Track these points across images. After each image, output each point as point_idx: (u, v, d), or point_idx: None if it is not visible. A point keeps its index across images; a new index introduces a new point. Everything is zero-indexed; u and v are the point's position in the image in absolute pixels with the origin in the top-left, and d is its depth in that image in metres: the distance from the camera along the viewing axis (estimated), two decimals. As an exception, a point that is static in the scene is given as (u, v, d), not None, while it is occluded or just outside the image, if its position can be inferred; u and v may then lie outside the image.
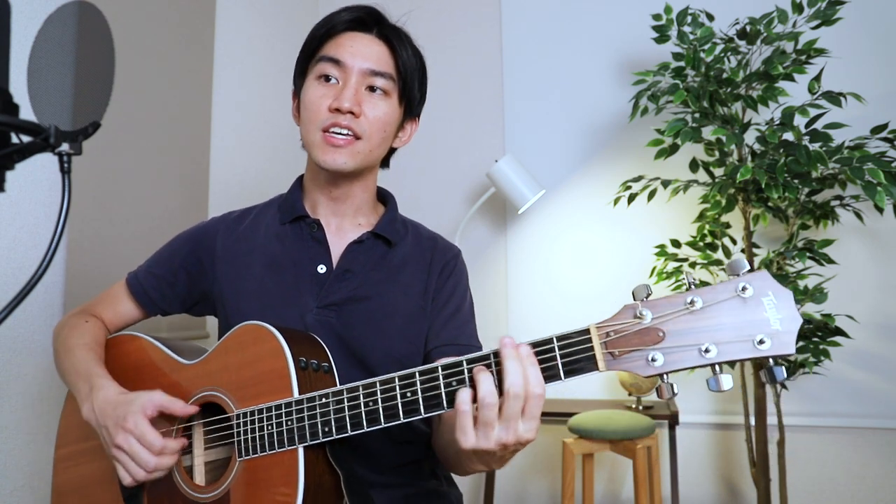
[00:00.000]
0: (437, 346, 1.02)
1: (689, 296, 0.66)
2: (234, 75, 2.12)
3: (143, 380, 1.01)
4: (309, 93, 1.03)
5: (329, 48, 1.03)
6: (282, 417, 0.84)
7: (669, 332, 0.67)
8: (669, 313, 0.67)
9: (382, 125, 1.01)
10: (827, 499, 1.97)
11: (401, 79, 1.03)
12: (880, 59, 2.00)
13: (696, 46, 1.81)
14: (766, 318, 0.64)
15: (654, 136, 1.91)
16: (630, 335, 0.69)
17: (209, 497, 0.88)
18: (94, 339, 1.07)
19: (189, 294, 1.13)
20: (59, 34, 0.61)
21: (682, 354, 0.66)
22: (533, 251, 2.37)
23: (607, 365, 0.70)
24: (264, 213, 1.12)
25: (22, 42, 0.81)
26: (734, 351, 0.64)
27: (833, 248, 1.74)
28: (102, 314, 1.13)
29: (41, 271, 0.52)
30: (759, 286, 0.65)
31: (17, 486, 1.34)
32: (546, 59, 2.42)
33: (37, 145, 0.53)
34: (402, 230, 1.10)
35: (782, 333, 0.64)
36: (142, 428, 0.85)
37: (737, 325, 0.65)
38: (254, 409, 0.87)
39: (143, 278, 1.13)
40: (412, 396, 0.76)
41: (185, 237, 1.14)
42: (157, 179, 1.73)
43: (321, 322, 1.00)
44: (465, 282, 1.12)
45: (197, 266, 1.11)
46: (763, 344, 0.64)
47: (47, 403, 1.42)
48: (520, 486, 2.36)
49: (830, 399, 1.99)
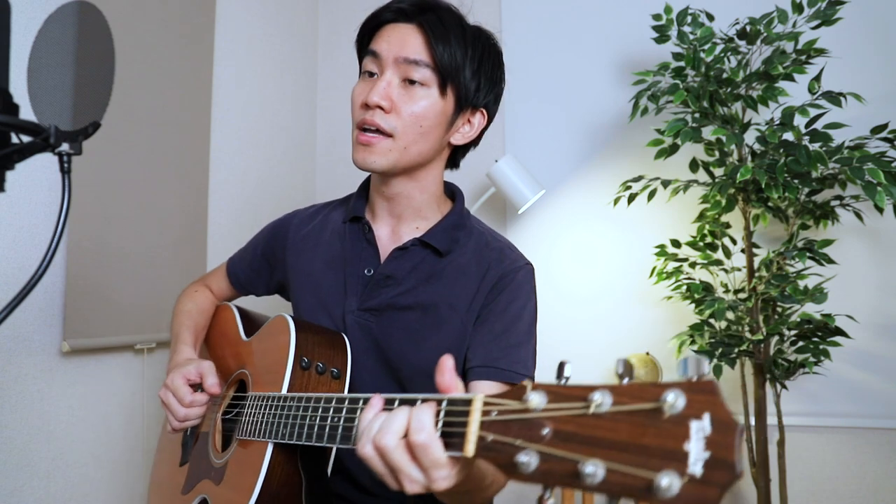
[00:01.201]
0: (475, 365, 0.94)
1: (598, 392, 0.48)
2: (233, 75, 2.11)
3: (216, 346, 1.17)
4: (355, 88, 0.99)
5: (372, 41, 0.98)
6: (264, 409, 0.87)
7: (557, 432, 0.49)
8: (563, 407, 0.49)
9: (417, 120, 0.93)
10: (827, 499, 1.97)
11: (439, 68, 0.93)
12: (880, 59, 2.00)
13: (696, 46, 1.80)
14: (684, 452, 0.42)
15: (654, 136, 1.91)
16: (511, 422, 0.52)
17: (217, 464, 0.97)
18: (197, 306, 1.21)
19: (270, 281, 1.21)
20: (59, 34, 0.61)
21: (556, 465, 0.48)
22: (533, 251, 2.36)
23: (478, 451, 0.54)
24: (335, 210, 1.14)
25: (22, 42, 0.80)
26: (622, 483, 0.44)
27: (833, 248, 1.74)
28: (211, 286, 1.28)
29: (41, 271, 0.53)
30: (694, 401, 0.43)
31: (17, 486, 1.34)
32: (546, 59, 2.42)
33: (37, 145, 0.53)
34: (464, 238, 1.02)
35: (699, 483, 0.41)
36: (176, 383, 0.98)
37: (643, 449, 0.44)
38: (256, 395, 0.92)
39: (237, 261, 1.26)
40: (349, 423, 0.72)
41: (269, 227, 1.22)
42: (157, 180, 1.73)
43: (360, 324, 0.99)
44: (525, 300, 1.02)
45: (273, 256, 1.18)
46: (666, 489, 0.41)
47: (47, 403, 1.42)
48: (520, 486, 2.36)
49: (830, 399, 1.99)
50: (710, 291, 1.85)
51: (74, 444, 1.48)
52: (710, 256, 1.90)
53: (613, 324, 2.19)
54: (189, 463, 1.07)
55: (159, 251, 1.71)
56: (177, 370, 1.00)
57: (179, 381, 0.98)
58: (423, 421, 0.58)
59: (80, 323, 1.47)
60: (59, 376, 1.45)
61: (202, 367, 0.99)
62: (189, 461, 1.07)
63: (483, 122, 1.03)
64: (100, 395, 1.55)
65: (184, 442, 1.12)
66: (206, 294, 1.25)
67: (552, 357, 0.68)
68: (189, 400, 0.97)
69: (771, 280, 1.69)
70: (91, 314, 1.50)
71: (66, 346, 1.44)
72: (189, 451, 1.09)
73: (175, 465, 1.12)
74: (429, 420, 0.58)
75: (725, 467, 0.41)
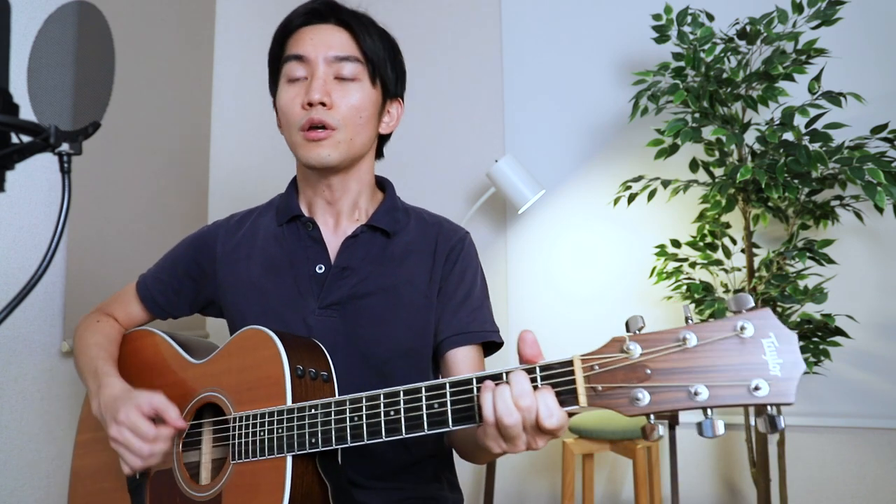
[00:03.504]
0: (449, 335, 1.00)
1: (683, 332, 0.61)
2: (234, 75, 2.11)
3: (154, 376, 1.03)
4: (281, 97, 1.01)
5: (291, 47, 1.01)
6: (273, 425, 0.84)
7: (657, 370, 0.62)
8: (659, 349, 0.62)
9: (356, 111, 0.98)
10: (827, 499, 1.97)
11: (368, 61, 0.99)
12: (880, 59, 2.00)
13: (696, 46, 1.81)
14: (764, 361, 0.58)
15: (654, 136, 1.91)
16: (616, 370, 0.63)
17: (204, 496, 0.89)
18: (106, 338, 1.09)
19: (196, 299, 1.14)
20: (60, 34, 0.61)
21: (668, 395, 0.61)
22: (533, 251, 2.37)
23: (589, 400, 0.65)
24: (263, 215, 1.11)
25: (22, 42, 0.80)
26: (726, 395, 0.59)
27: (833, 248, 1.74)
28: (115, 314, 1.15)
29: (41, 271, 0.52)
30: (760, 326, 0.59)
31: (17, 486, 1.34)
32: (546, 59, 2.42)
33: (37, 145, 0.53)
34: (404, 218, 1.07)
35: (781, 380, 0.58)
36: (133, 419, 0.87)
37: (731, 367, 0.59)
38: (248, 414, 0.87)
39: (151, 284, 1.14)
40: (395, 416, 0.75)
41: (188, 242, 1.14)
42: (156, 180, 1.73)
43: (324, 323, 0.99)
44: (475, 265, 1.08)
45: (199, 272, 1.11)
46: (759, 391, 0.57)
47: (47, 403, 1.42)
48: (520, 486, 2.36)
49: (830, 399, 1.99)
50: (710, 291, 1.85)
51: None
52: (710, 256, 1.90)
53: (613, 324, 2.19)
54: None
55: (159, 251, 1.71)
56: (124, 403, 0.89)
57: (135, 415, 0.87)
58: (524, 384, 0.67)
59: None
60: (59, 376, 1.45)
61: (154, 401, 0.88)
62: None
63: (401, 111, 1.09)
64: (100, 395, 1.55)
65: (133, 487, 0.97)
66: (111, 323, 1.13)
67: (552, 357, 0.69)
68: (153, 435, 0.86)
69: (771, 280, 1.69)
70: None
71: (66, 346, 1.44)
72: (143, 495, 0.96)
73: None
74: (529, 383, 0.67)
75: (796, 366, 0.58)
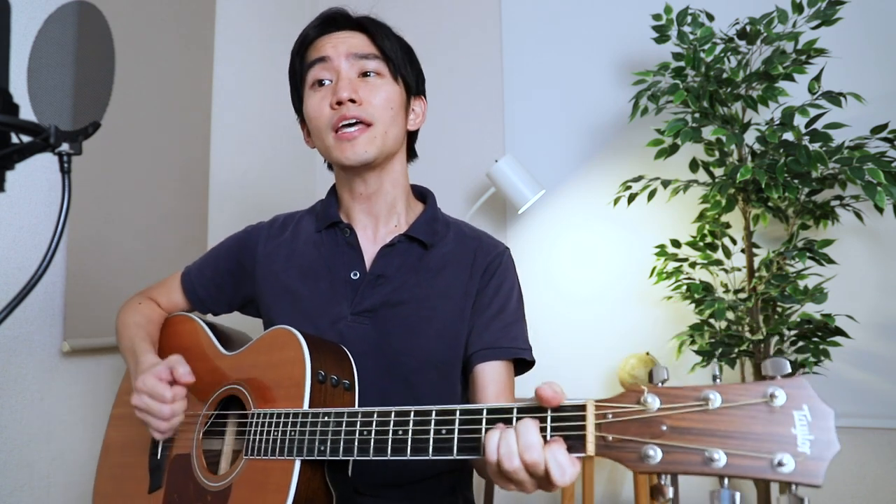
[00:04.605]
0: (478, 349, 0.99)
1: (707, 391, 0.57)
2: (233, 75, 2.11)
3: (187, 361, 1.04)
4: (309, 104, 1.03)
5: (311, 54, 1.03)
6: (287, 426, 0.85)
7: (674, 427, 0.57)
8: (678, 406, 0.58)
9: (387, 103, 0.99)
10: (827, 499, 1.97)
11: (388, 59, 1.01)
12: (880, 59, 2.00)
13: (696, 46, 1.80)
14: (792, 435, 0.53)
15: (654, 136, 1.91)
16: (630, 422, 0.60)
17: (215, 486, 0.91)
18: (146, 318, 1.12)
19: (235, 297, 1.16)
20: (59, 34, 0.61)
21: (681, 456, 0.56)
22: (533, 251, 2.37)
23: (598, 450, 0.61)
24: (304, 220, 1.12)
25: (22, 42, 0.80)
26: (745, 466, 0.54)
27: (833, 248, 1.74)
28: (158, 298, 1.19)
29: (41, 271, 0.52)
30: (794, 396, 0.55)
31: (17, 486, 1.34)
32: (546, 59, 2.42)
33: (37, 145, 0.53)
34: (443, 230, 1.07)
35: (809, 459, 0.53)
36: (150, 384, 0.90)
37: (755, 435, 0.54)
38: (266, 412, 0.88)
39: (195, 276, 1.17)
40: (402, 436, 0.74)
41: (232, 241, 1.16)
42: (156, 179, 1.73)
43: (355, 329, 0.99)
44: (512, 280, 1.07)
45: (240, 270, 1.13)
46: (782, 466, 0.52)
47: (47, 403, 1.42)
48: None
49: (830, 399, 1.96)
50: (710, 291, 1.85)
51: (74, 444, 1.48)
52: (710, 256, 1.90)
53: (613, 324, 2.19)
54: (165, 489, 0.98)
55: (159, 251, 1.71)
56: (143, 373, 0.93)
57: (152, 380, 0.90)
58: (531, 437, 0.64)
59: (80, 323, 1.47)
60: (59, 376, 1.45)
61: (171, 360, 0.92)
62: (164, 486, 0.98)
63: (425, 107, 1.11)
64: (100, 395, 1.55)
65: (153, 466, 1.02)
66: (152, 306, 1.17)
67: (552, 357, 0.68)
68: (170, 395, 0.89)
69: (771, 280, 1.69)
70: (91, 314, 1.50)
71: (66, 346, 1.44)
72: (161, 475, 0.99)
73: (141, 492, 1.02)
74: (537, 436, 0.64)
75: (829, 446, 0.53)
